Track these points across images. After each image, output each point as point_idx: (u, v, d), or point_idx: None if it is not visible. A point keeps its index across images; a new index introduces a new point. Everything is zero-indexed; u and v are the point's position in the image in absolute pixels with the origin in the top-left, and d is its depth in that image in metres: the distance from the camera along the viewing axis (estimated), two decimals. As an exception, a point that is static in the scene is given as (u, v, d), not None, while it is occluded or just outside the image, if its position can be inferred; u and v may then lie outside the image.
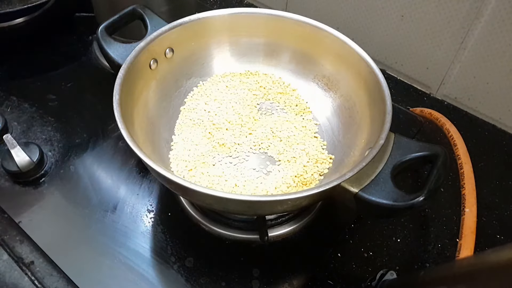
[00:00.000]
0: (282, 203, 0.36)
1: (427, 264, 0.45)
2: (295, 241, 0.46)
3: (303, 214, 0.47)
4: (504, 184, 0.52)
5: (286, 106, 0.53)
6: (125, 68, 0.43)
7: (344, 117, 0.51)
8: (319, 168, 0.47)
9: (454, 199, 0.50)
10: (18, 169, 0.47)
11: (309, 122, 0.51)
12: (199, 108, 0.51)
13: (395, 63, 0.65)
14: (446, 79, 0.61)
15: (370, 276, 0.42)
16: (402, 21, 0.60)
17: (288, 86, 0.55)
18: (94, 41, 0.67)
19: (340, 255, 0.45)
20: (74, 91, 0.60)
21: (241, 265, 0.43)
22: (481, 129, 0.59)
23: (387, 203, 0.36)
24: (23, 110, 0.57)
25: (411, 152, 0.40)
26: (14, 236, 0.44)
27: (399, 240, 0.47)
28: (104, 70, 0.63)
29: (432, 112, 0.59)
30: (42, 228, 0.45)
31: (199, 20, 0.50)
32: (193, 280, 0.42)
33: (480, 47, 0.55)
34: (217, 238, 0.45)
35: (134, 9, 0.50)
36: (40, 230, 0.45)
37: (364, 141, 0.45)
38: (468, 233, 0.45)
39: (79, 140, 0.54)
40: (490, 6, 0.51)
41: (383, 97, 0.43)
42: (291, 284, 0.42)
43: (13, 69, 0.63)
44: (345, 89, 0.51)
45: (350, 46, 0.48)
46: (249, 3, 0.79)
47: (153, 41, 0.47)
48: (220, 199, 0.34)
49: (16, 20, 0.67)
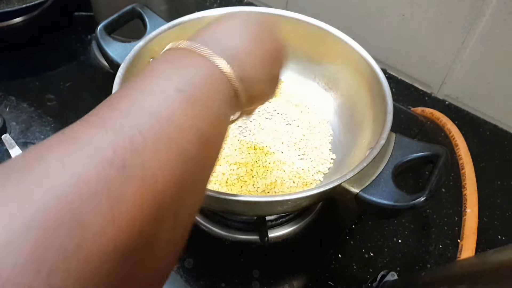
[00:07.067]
0: (282, 203, 0.36)
1: (428, 265, 0.45)
2: (296, 242, 0.45)
3: (303, 215, 0.47)
4: (506, 184, 0.52)
5: (286, 106, 0.53)
6: (124, 68, 0.43)
7: (345, 117, 0.51)
8: (319, 168, 0.46)
9: (455, 199, 0.50)
10: (17, 169, 0.47)
11: (310, 123, 0.51)
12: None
13: (396, 62, 0.65)
14: (447, 78, 0.61)
15: (371, 277, 0.42)
16: (403, 21, 0.60)
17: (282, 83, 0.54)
18: (93, 41, 0.67)
19: (340, 256, 0.44)
20: (73, 91, 0.60)
21: (241, 266, 0.43)
22: (482, 129, 0.59)
23: (388, 203, 0.36)
24: (21, 110, 0.56)
25: (412, 152, 0.39)
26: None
27: (400, 241, 0.46)
28: (103, 70, 0.63)
29: (433, 112, 0.59)
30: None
31: (198, 19, 0.50)
32: (193, 281, 0.41)
33: (481, 47, 0.55)
34: (216, 239, 0.45)
35: (133, 8, 0.50)
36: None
37: (365, 141, 0.44)
38: (469, 234, 0.45)
39: (78, 140, 0.53)
40: (491, 5, 0.51)
41: (384, 96, 0.42)
42: (291, 285, 0.42)
43: (11, 68, 0.63)
44: (345, 88, 0.51)
45: (351, 45, 0.47)
46: (249, 2, 0.79)
47: (153, 40, 0.47)
48: (220, 199, 0.34)
49: (14, 20, 0.66)
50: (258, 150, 0.47)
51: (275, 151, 0.48)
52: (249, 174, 0.45)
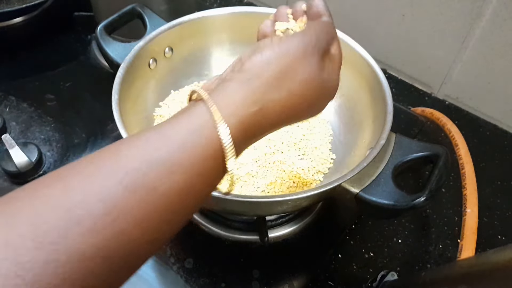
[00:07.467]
0: (282, 203, 0.36)
1: (428, 265, 0.45)
2: (295, 242, 0.45)
3: (303, 215, 0.47)
4: (506, 184, 0.52)
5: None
6: (124, 68, 0.43)
7: (345, 117, 0.51)
8: (319, 168, 0.46)
9: (455, 199, 0.50)
10: (17, 169, 0.47)
11: (310, 123, 0.51)
12: (199, 107, 0.51)
13: (396, 62, 0.65)
14: (447, 78, 0.61)
15: (371, 277, 0.42)
16: (403, 20, 0.60)
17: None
18: (93, 41, 0.67)
19: (340, 256, 0.44)
20: (72, 91, 0.60)
21: (241, 266, 0.43)
22: (482, 129, 0.59)
23: (388, 203, 0.36)
24: (21, 110, 0.56)
25: (412, 152, 0.39)
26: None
27: (400, 241, 0.46)
28: (103, 70, 0.63)
29: (433, 112, 0.59)
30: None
31: (198, 19, 0.50)
32: (193, 281, 0.41)
33: (481, 47, 0.55)
34: (216, 239, 0.45)
35: (133, 8, 0.50)
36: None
37: (365, 141, 0.44)
38: (469, 234, 0.45)
39: (77, 140, 0.54)
40: (491, 5, 0.51)
41: (384, 96, 0.42)
42: (291, 285, 0.42)
43: (11, 68, 0.63)
44: (346, 88, 0.50)
45: (351, 45, 0.47)
46: (249, 2, 0.79)
47: (152, 40, 0.47)
48: (220, 199, 0.34)
49: (14, 20, 0.66)
50: (258, 150, 0.47)
51: (275, 151, 0.47)
52: (249, 174, 0.45)
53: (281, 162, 0.47)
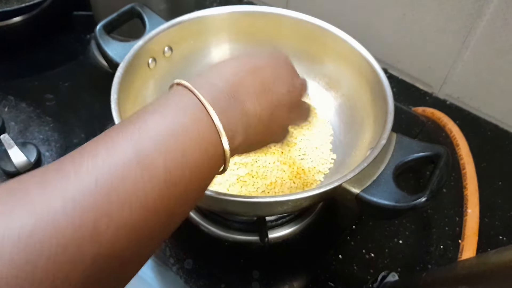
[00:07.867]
0: (282, 204, 0.36)
1: (429, 265, 0.45)
2: (296, 243, 0.45)
3: (303, 215, 0.47)
4: (507, 184, 0.52)
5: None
6: (123, 67, 0.43)
7: (345, 116, 0.50)
8: (320, 168, 0.46)
9: (456, 199, 0.50)
10: (16, 169, 0.47)
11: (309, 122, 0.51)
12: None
13: (397, 62, 0.65)
14: (448, 78, 0.61)
15: (371, 278, 0.42)
16: (404, 20, 0.60)
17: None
18: (92, 40, 0.66)
19: (341, 256, 0.44)
20: (71, 91, 0.59)
21: (241, 267, 0.43)
22: (483, 129, 0.59)
23: (389, 204, 0.36)
24: (20, 109, 0.56)
25: (413, 152, 0.39)
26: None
27: (401, 242, 0.46)
28: (102, 69, 0.62)
29: (434, 111, 0.59)
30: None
31: (198, 18, 0.50)
32: (192, 282, 0.41)
33: (482, 46, 0.55)
34: (216, 239, 0.45)
35: (133, 7, 0.50)
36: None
37: (366, 141, 0.44)
38: (470, 234, 0.45)
39: (76, 140, 0.53)
40: (492, 4, 0.51)
41: (385, 96, 0.42)
42: (291, 286, 0.42)
43: (10, 68, 0.63)
44: (346, 88, 0.50)
45: (352, 44, 0.47)
46: (249, 1, 0.79)
47: (152, 39, 0.47)
48: (220, 200, 0.34)
49: (13, 19, 0.66)
50: (257, 150, 0.47)
51: (275, 151, 0.47)
52: (249, 174, 0.45)
53: (281, 162, 0.46)
